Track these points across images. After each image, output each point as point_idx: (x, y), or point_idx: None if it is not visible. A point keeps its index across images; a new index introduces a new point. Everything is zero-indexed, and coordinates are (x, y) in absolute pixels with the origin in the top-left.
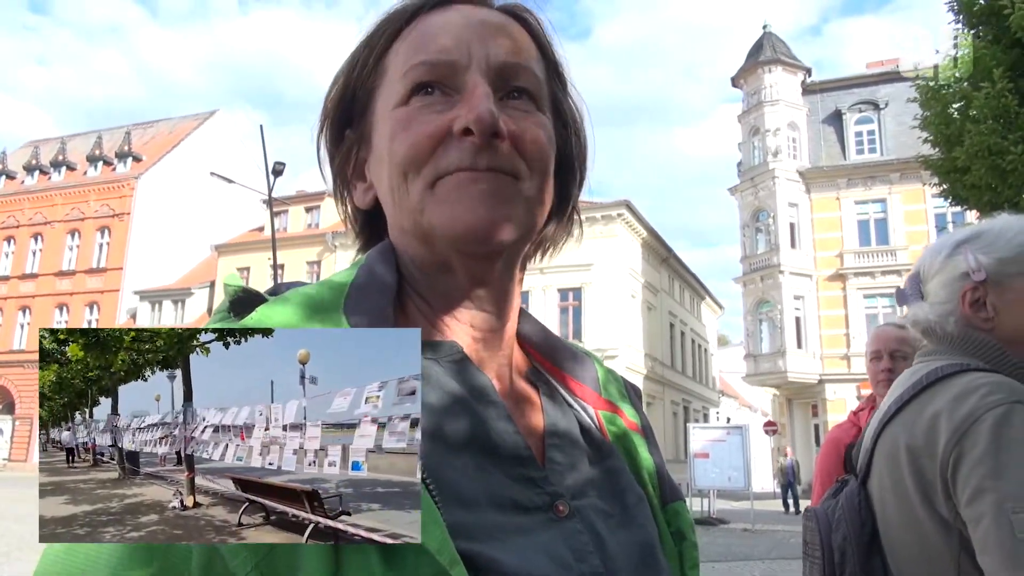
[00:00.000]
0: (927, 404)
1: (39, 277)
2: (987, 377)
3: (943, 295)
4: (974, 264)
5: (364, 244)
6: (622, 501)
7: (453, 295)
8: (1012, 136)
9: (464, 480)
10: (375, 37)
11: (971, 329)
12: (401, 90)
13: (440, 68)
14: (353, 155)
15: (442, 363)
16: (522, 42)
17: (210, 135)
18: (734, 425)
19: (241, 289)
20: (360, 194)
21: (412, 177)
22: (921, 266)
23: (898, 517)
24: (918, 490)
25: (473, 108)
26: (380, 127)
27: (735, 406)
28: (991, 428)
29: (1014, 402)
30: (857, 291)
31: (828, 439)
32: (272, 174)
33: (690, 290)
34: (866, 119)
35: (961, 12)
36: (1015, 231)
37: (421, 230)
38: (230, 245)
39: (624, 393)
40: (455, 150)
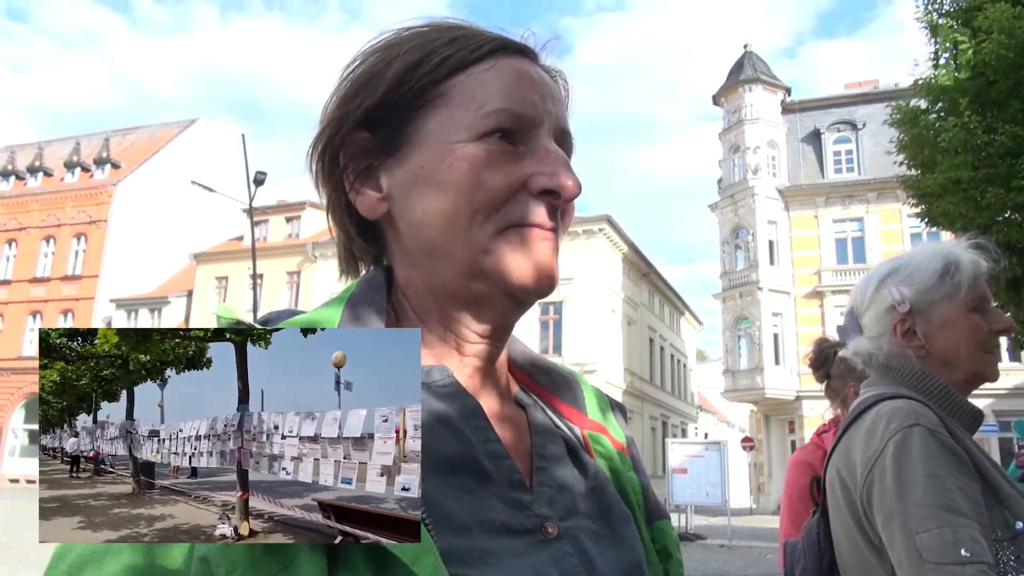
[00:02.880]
0: (852, 436)
1: (12, 283)
2: (894, 404)
3: (876, 329)
4: (898, 297)
5: (347, 253)
6: (609, 521)
7: (464, 330)
8: (983, 170)
9: (455, 505)
10: (435, 58)
11: (905, 358)
12: (477, 127)
13: (523, 120)
14: (365, 160)
15: (433, 389)
16: (566, 107)
17: (190, 143)
18: (712, 441)
19: (234, 321)
20: (370, 203)
21: (482, 219)
22: (854, 301)
23: (845, 545)
24: (852, 518)
25: (558, 174)
26: (437, 153)
27: (713, 421)
28: (892, 455)
29: (910, 426)
30: (834, 308)
31: (793, 462)
32: (253, 183)
33: (670, 305)
34: (844, 139)
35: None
36: (930, 260)
37: (478, 268)
38: (209, 254)
39: (610, 412)
40: (532, 204)
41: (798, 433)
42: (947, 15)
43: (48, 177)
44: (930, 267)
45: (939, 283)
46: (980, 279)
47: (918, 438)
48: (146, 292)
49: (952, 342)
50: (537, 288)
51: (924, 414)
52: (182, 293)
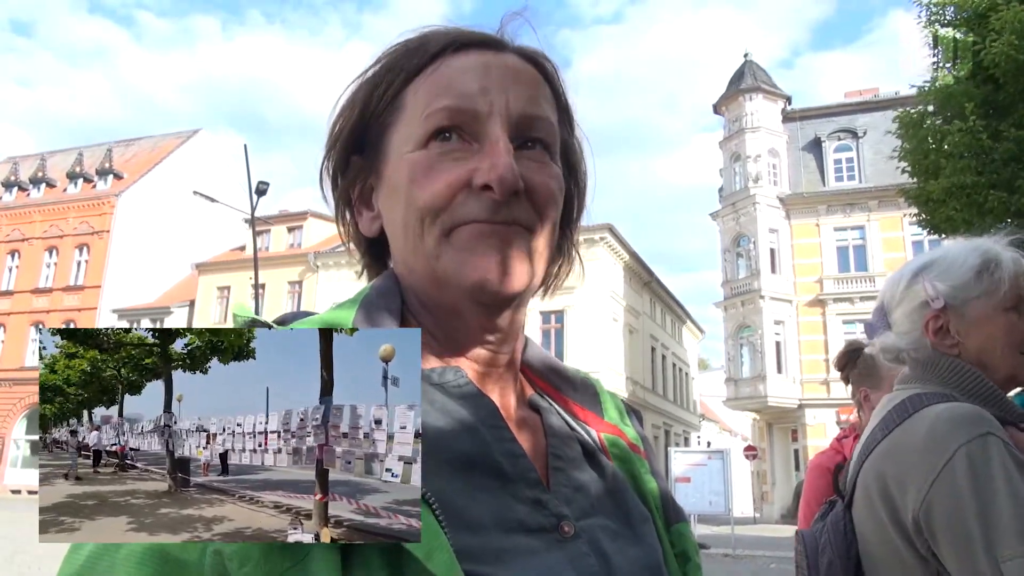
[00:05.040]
0: (900, 440)
1: (15, 294)
2: (954, 408)
3: (907, 325)
4: (932, 292)
5: (367, 268)
6: (628, 521)
7: (459, 335)
8: (987, 175)
9: (470, 504)
10: (393, 72)
11: (939, 355)
12: (420, 132)
13: (461, 115)
14: (359, 182)
15: (448, 389)
16: (540, 89)
17: (192, 154)
18: (715, 449)
19: (251, 319)
20: (367, 222)
21: (429, 223)
22: (884, 297)
23: (878, 546)
24: (893, 524)
25: (496, 166)
26: (395, 165)
27: (716, 430)
28: (966, 470)
29: (984, 435)
30: (836, 316)
31: (813, 465)
32: (256, 193)
33: (672, 314)
34: (845, 147)
35: (937, 46)
36: (968, 255)
37: (434, 274)
38: (211, 264)
39: (625, 416)
40: (474, 202)
41: (801, 442)
42: (950, 24)
43: (51, 188)
44: (967, 263)
45: (976, 279)
46: (1021, 278)
47: (995, 451)
48: (148, 302)
49: (988, 341)
50: (484, 285)
51: (992, 421)
52: (184, 303)
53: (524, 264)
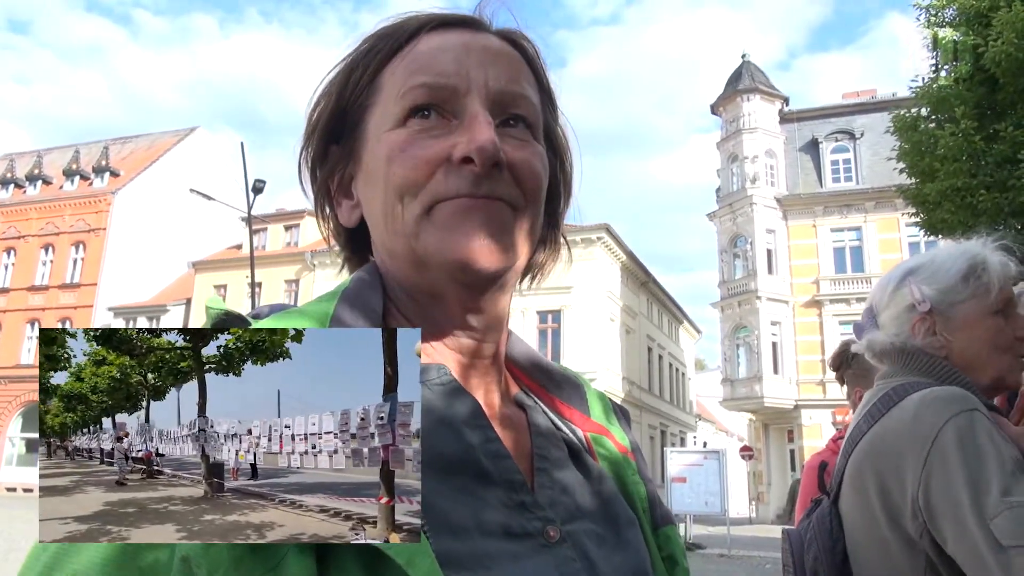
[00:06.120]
0: (888, 426)
1: (11, 292)
2: (939, 389)
3: (894, 328)
4: (919, 296)
5: (347, 261)
6: (614, 525)
7: (442, 321)
8: (981, 176)
9: (453, 507)
10: (370, 54)
11: (918, 349)
12: (398, 111)
13: (439, 91)
14: (338, 171)
15: (430, 387)
16: (520, 69)
17: (189, 152)
18: (711, 449)
19: (224, 312)
20: (346, 212)
21: (408, 201)
22: (873, 300)
23: (865, 538)
24: (884, 511)
25: (475, 138)
26: (373, 147)
27: (712, 430)
28: (955, 441)
29: (971, 410)
30: (833, 317)
31: (810, 465)
32: (252, 191)
33: (668, 314)
34: (842, 148)
35: (936, 48)
36: (955, 260)
37: (414, 255)
38: (207, 262)
39: (614, 416)
40: (454, 177)
41: (797, 442)
42: (949, 25)
43: (47, 185)
44: (954, 267)
45: (963, 284)
46: (1009, 282)
47: (981, 425)
48: (144, 300)
49: (974, 344)
50: (466, 261)
51: (976, 401)
52: (180, 301)
53: (508, 241)
